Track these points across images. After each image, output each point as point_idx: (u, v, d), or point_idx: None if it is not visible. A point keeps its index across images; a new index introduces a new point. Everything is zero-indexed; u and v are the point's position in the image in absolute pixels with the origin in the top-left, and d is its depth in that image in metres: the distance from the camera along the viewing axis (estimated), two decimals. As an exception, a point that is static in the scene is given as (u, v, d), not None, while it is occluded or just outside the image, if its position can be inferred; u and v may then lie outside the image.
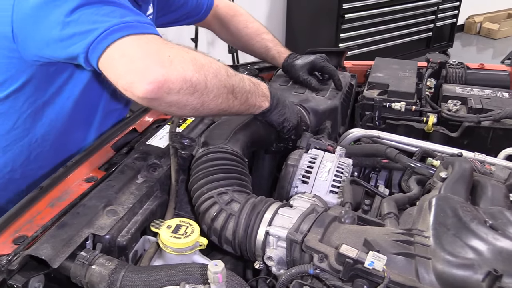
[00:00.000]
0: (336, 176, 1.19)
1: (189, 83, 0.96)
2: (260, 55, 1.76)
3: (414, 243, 0.88)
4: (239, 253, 1.03)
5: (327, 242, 0.90)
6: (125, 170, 1.13)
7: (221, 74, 1.05)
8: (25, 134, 1.28)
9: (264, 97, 1.22)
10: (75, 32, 0.99)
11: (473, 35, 7.13)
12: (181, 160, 1.21)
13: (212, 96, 1.03)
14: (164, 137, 1.29)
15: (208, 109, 1.05)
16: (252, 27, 1.74)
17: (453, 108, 1.57)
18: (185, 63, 0.97)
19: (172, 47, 0.99)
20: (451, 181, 1.03)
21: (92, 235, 0.95)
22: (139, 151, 1.22)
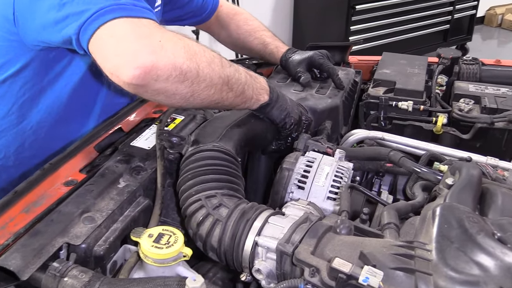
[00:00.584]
0: (334, 181, 1.16)
1: (179, 71, 0.96)
2: (258, 52, 1.76)
3: (415, 257, 0.85)
4: (224, 262, 1.02)
5: (320, 254, 0.88)
6: (106, 174, 1.11)
7: (215, 63, 1.04)
8: (20, 120, 1.30)
9: (262, 90, 1.21)
10: (69, 13, 1.01)
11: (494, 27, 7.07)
12: (167, 162, 1.19)
13: (204, 86, 1.02)
14: (150, 138, 1.27)
15: (199, 99, 1.04)
16: (252, 24, 1.76)
17: (465, 107, 1.54)
18: (177, 49, 0.97)
19: (164, 32, 0.99)
20: (457, 188, 1.00)
21: (67, 244, 0.93)
22: (122, 152, 1.20)
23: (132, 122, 1.41)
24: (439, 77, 1.75)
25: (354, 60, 1.96)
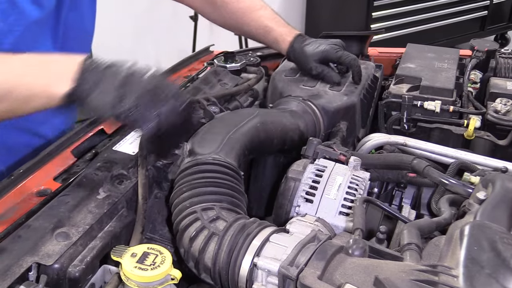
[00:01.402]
0: (348, 193, 1.16)
1: None
2: (259, 38, 1.73)
3: (438, 284, 0.85)
4: (219, 285, 1.01)
5: (329, 279, 0.88)
6: (84, 183, 1.12)
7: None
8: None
9: (62, 76, 1.02)
10: None
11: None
12: (154, 170, 1.19)
13: None
14: (135, 142, 1.28)
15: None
16: (244, 1, 1.71)
17: (502, 109, 1.53)
18: None
19: None
20: (490, 204, 0.99)
21: (36, 265, 0.93)
22: (102, 158, 1.21)
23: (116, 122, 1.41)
24: (472, 73, 1.75)
25: (374, 53, 1.96)
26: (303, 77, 1.67)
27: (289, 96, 1.56)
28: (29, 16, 1.32)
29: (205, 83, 1.58)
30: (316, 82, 1.63)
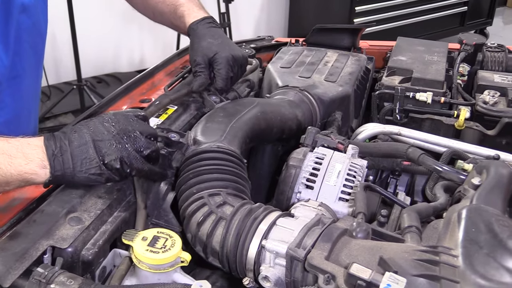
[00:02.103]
0: (347, 180, 1.20)
1: None
2: (169, 17, 1.65)
3: (440, 263, 0.88)
4: (226, 267, 1.05)
5: (335, 260, 0.91)
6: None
7: None
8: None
9: (30, 162, 1.01)
10: None
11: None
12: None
13: None
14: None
15: None
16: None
17: (490, 100, 1.59)
18: None
19: None
20: (485, 189, 1.04)
21: (51, 248, 0.95)
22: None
23: (117, 112, 1.43)
24: (461, 65, 1.80)
25: (365, 46, 2.00)
26: (299, 68, 1.70)
27: (286, 87, 1.60)
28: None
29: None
30: (311, 72, 1.67)
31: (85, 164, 1.02)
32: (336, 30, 1.94)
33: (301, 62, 1.78)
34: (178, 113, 1.38)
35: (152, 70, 1.72)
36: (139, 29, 4.80)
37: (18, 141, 1.02)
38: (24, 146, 1.01)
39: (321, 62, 1.78)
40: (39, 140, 1.04)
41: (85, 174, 1.03)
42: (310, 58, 1.81)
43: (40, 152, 1.01)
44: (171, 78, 1.68)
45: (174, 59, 1.84)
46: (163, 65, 1.78)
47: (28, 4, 1.43)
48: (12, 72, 1.44)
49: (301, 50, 1.89)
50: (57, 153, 1.02)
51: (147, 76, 1.68)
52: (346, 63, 1.77)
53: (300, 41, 2.03)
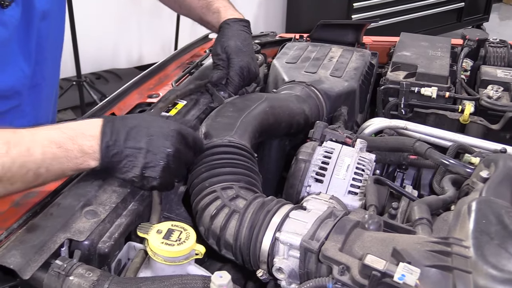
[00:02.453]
0: (356, 174, 1.21)
1: None
2: (197, 14, 1.65)
3: (452, 254, 0.90)
4: (240, 260, 1.06)
5: (349, 251, 0.93)
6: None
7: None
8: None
9: (85, 155, 1.04)
10: None
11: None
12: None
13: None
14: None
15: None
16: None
17: (494, 95, 1.60)
18: None
19: None
20: (494, 182, 1.05)
21: (69, 241, 0.96)
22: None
23: (126, 107, 1.44)
24: (464, 61, 1.81)
25: (368, 41, 2.01)
26: (304, 63, 1.72)
27: (293, 82, 1.61)
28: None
29: (210, 69, 1.61)
30: (317, 68, 1.69)
31: (127, 167, 1.05)
32: (340, 26, 1.95)
33: (306, 58, 1.80)
34: (188, 108, 1.39)
35: (159, 66, 1.73)
36: (138, 26, 4.80)
37: (73, 131, 1.03)
38: (79, 137, 1.03)
39: (326, 58, 1.79)
40: (96, 127, 1.05)
41: (123, 174, 1.06)
42: (315, 54, 1.82)
43: (95, 144, 1.03)
44: (178, 73, 1.69)
45: (181, 54, 1.85)
46: (170, 60, 1.79)
47: (48, 10, 1.42)
48: (33, 81, 1.44)
49: (306, 46, 1.90)
50: (110, 145, 1.04)
51: (154, 71, 1.69)
52: (351, 59, 1.79)
53: (304, 36, 2.04)
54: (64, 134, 1.02)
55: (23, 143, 0.97)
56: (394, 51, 1.86)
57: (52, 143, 1.00)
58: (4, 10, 1.28)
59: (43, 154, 0.99)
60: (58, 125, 1.04)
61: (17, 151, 0.96)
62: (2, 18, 1.28)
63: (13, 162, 0.96)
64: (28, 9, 1.35)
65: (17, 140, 0.97)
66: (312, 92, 1.55)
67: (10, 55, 1.36)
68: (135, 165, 1.05)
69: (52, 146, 0.99)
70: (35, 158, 0.98)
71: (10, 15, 1.30)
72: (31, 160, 0.98)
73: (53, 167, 1.01)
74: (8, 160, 0.95)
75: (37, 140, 0.99)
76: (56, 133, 1.01)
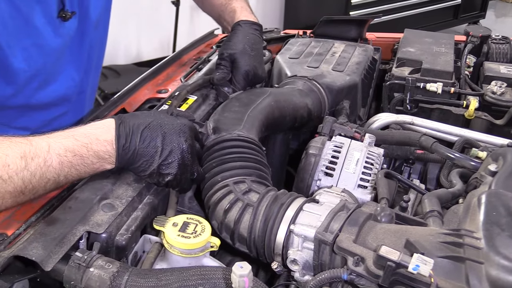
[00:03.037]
0: (365, 168, 1.23)
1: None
2: (218, 10, 1.67)
3: (464, 245, 0.92)
4: (254, 252, 1.08)
5: (362, 243, 0.95)
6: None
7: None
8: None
9: (101, 160, 1.05)
10: None
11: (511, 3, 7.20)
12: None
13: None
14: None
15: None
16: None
17: (498, 90, 1.62)
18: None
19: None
20: (503, 175, 1.07)
21: (87, 233, 0.98)
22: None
23: (136, 102, 1.46)
24: (468, 57, 1.83)
25: (371, 37, 2.03)
26: (307, 58, 1.73)
27: (295, 76, 1.63)
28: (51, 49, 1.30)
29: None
30: (319, 62, 1.71)
31: (143, 165, 1.07)
32: (343, 22, 1.97)
33: (309, 53, 1.81)
34: (198, 103, 1.40)
35: (167, 61, 1.74)
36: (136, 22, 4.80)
37: (86, 137, 1.03)
38: (94, 143, 1.03)
39: (328, 53, 1.81)
40: (109, 132, 1.05)
41: (139, 172, 1.08)
42: (318, 49, 1.84)
43: (110, 148, 1.04)
44: (185, 69, 1.70)
45: (188, 50, 1.86)
46: (177, 56, 1.80)
47: (99, 19, 1.43)
48: (80, 89, 1.45)
49: (309, 42, 1.91)
50: (125, 148, 1.05)
51: (162, 67, 1.70)
52: (353, 53, 1.80)
53: (307, 33, 2.06)
54: (78, 142, 1.02)
55: (40, 155, 0.98)
56: (398, 47, 1.88)
57: (68, 151, 1.01)
58: (64, 23, 1.28)
59: (61, 164, 1.00)
60: (71, 131, 1.05)
61: (35, 163, 0.97)
62: (61, 30, 1.29)
63: (33, 175, 0.97)
64: (85, 19, 1.36)
65: (34, 152, 0.97)
66: (314, 86, 1.57)
67: (63, 64, 1.37)
68: (151, 164, 1.07)
69: (67, 154, 1.00)
70: (53, 169, 0.99)
71: (69, 27, 1.31)
72: (49, 171, 0.99)
73: (71, 174, 1.02)
74: (27, 174, 0.96)
75: (53, 150, 0.99)
76: (71, 141, 1.02)
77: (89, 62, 1.47)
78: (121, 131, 1.06)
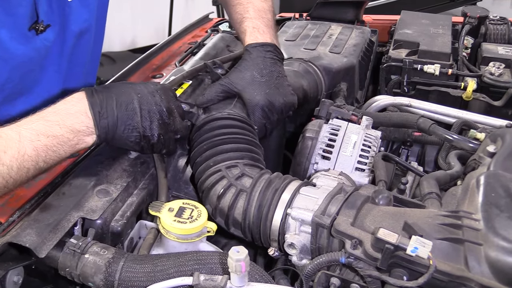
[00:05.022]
0: (363, 150, 1.22)
1: None
2: (235, 26, 1.50)
3: (462, 226, 0.91)
4: (249, 237, 1.07)
5: (360, 226, 0.93)
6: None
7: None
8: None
9: (78, 134, 1.00)
10: None
11: (507, -15, 7.15)
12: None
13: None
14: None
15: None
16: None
17: (496, 71, 1.61)
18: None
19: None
20: (501, 156, 1.06)
21: (82, 219, 0.97)
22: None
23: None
24: (465, 38, 1.81)
25: (368, 20, 2.01)
26: (304, 40, 1.71)
27: (291, 58, 1.61)
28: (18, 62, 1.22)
29: (214, 49, 1.61)
30: (316, 44, 1.69)
31: (127, 131, 1.03)
32: (339, 4, 1.95)
33: (306, 35, 1.79)
34: (193, 87, 1.38)
35: (161, 46, 1.72)
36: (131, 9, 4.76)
37: (57, 115, 0.99)
38: (66, 118, 0.99)
39: (325, 35, 1.79)
40: (81, 102, 1.01)
41: (124, 140, 1.04)
42: (315, 31, 1.82)
43: (85, 118, 1.00)
44: (180, 53, 1.69)
45: (183, 34, 1.85)
46: (172, 41, 1.78)
47: (86, 28, 1.37)
48: (62, 96, 1.41)
49: (305, 24, 1.89)
50: (103, 113, 1.01)
51: (157, 52, 1.68)
52: (350, 35, 1.79)
53: (304, 15, 2.04)
54: (48, 122, 0.98)
55: (12, 146, 0.94)
56: (395, 29, 1.86)
57: (40, 135, 0.96)
58: (38, 35, 1.23)
59: (36, 150, 0.96)
60: (41, 113, 1.00)
61: (9, 156, 0.93)
62: (35, 43, 1.23)
63: (10, 168, 0.93)
64: (64, 31, 1.30)
65: (5, 145, 0.94)
66: (310, 67, 1.55)
67: (39, 76, 1.31)
68: (134, 127, 1.04)
69: (40, 138, 0.96)
70: (29, 157, 0.95)
71: (44, 38, 1.25)
72: (26, 160, 0.95)
73: (50, 157, 0.98)
74: (4, 169, 0.92)
75: (25, 138, 0.95)
76: (41, 123, 0.98)
77: (73, 70, 1.40)
78: (94, 99, 1.02)
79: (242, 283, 0.81)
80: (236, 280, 0.81)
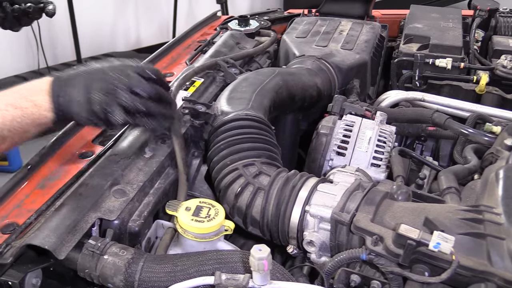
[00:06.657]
0: (378, 146, 1.21)
1: None
2: None
3: (484, 221, 0.90)
4: (268, 236, 1.06)
5: (380, 222, 0.93)
6: (130, 142, 1.14)
7: None
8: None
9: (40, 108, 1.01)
10: None
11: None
12: (192, 130, 1.22)
13: None
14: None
15: None
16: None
17: (508, 64, 1.59)
18: None
19: None
20: (520, 149, 1.06)
21: (99, 220, 0.96)
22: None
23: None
24: (476, 31, 1.80)
25: (377, 15, 2.00)
26: (314, 37, 1.70)
27: (303, 56, 1.60)
28: None
29: (224, 46, 1.60)
30: (327, 41, 1.68)
31: (78, 107, 1.01)
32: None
33: (316, 32, 1.78)
34: (205, 85, 1.37)
35: (170, 45, 1.71)
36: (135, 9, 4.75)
37: (28, 90, 1.03)
38: (33, 94, 1.02)
39: (336, 31, 1.78)
40: (45, 83, 1.04)
41: (80, 116, 1.02)
42: (325, 28, 1.81)
43: (46, 96, 1.02)
44: (190, 51, 1.68)
45: (191, 33, 1.84)
46: (181, 39, 1.77)
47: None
48: None
49: (315, 20, 1.88)
50: (60, 93, 1.02)
51: (166, 51, 1.67)
52: (361, 31, 1.78)
53: (313, 11, 2.03)
54: (18, 95, 1.02)
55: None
56: (405, 23, 1.85)
57: (9, 105, 1.00)
58: None
59: (3, 118, 0.99)
60: (16, 87, 1.05)
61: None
62: None
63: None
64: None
65: None
66: (323, 65, 1.54)
67: None
68: (81, 102, 1.01)
69: (8, 108, 1.00)
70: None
71: None
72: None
73: (14, 127, 1.00)
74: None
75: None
76: (12, 95, 1.02)
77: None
78: (55, 78, 1.04)
79: (265, 282, 0.80)
80: (258, 279, 0.80)
